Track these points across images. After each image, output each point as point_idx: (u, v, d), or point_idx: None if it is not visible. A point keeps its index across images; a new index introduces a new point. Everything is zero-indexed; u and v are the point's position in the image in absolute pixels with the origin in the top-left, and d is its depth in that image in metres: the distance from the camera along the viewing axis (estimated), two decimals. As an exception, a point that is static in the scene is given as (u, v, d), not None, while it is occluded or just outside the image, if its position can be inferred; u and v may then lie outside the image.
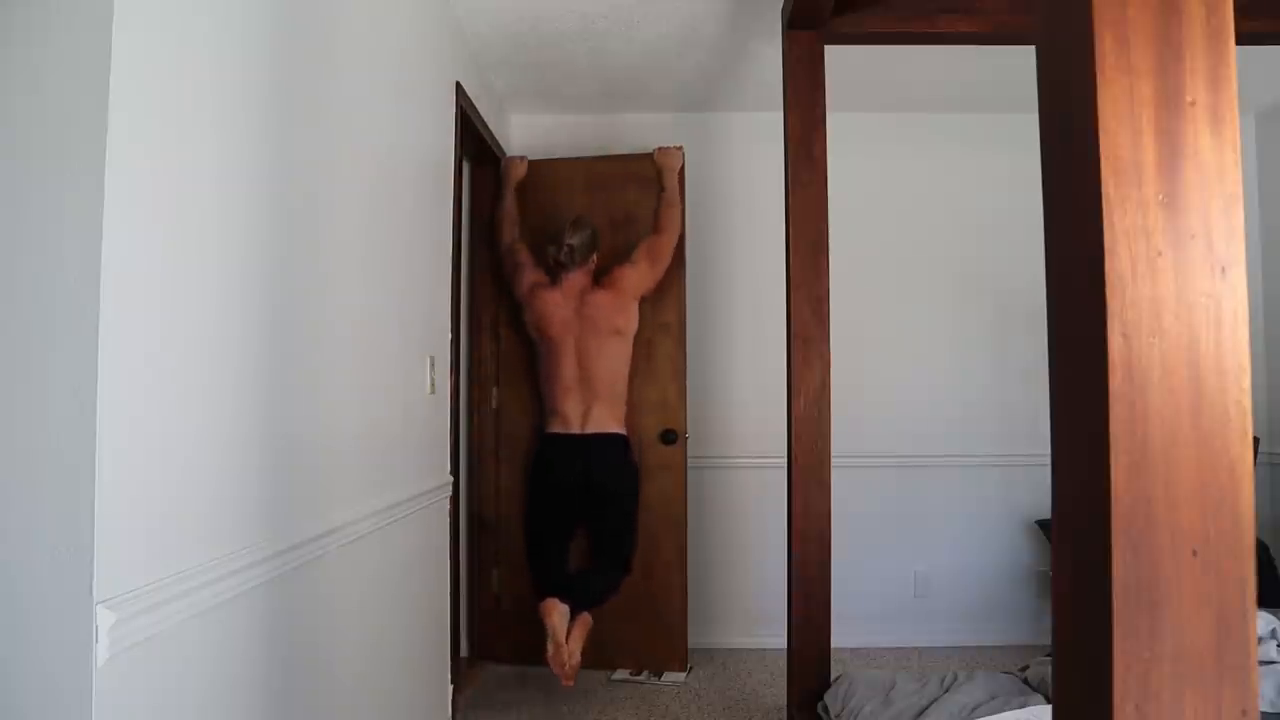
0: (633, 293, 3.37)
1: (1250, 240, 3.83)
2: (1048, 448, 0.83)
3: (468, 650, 3.64)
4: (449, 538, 2.84)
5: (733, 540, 3.85)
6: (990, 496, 3.87)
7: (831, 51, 2.66)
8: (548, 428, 3.38)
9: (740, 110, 3.90)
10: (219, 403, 1.39)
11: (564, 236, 3.32)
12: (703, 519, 3.81)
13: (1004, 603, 3.85)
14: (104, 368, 1.09)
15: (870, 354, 3.84)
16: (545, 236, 3.43)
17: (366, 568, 2.03)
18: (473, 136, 3.25)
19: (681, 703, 3.19)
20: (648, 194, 3.56)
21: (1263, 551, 3.37)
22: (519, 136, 3.93)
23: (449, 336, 2.85)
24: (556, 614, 2.99)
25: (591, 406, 3.32)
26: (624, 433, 3.38)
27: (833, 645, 2.58)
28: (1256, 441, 3.54)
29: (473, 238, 3.70)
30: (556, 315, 3.33)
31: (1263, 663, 2.13)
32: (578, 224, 3.34)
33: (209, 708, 1.35)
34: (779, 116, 2.68)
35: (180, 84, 1.28)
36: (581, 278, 3.37)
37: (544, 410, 3.43)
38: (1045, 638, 3.57)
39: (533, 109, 3.83)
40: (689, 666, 3.52)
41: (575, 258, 3.32)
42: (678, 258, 3.53)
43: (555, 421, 3.36)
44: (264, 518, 1.53)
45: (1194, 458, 0.71)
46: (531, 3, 2.85)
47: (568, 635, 2.99)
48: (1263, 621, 2.21)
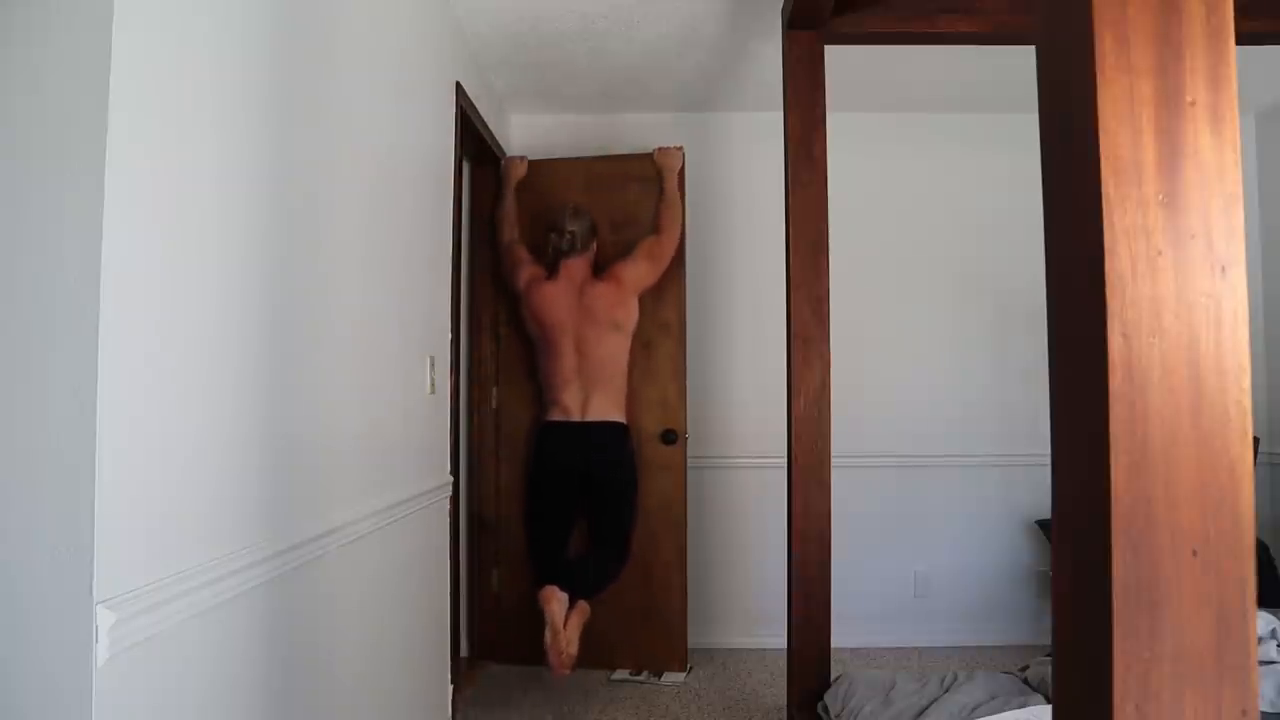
0: (632, 287, 3.38)
1: (1250, 240, 3.83)
2: (1048, 448, 0.83)
3: (468, 650, 3.64)
4: (449, 538, 2.84)
5: (733, 540, 3.85)
6: (990, 496, 3.87)
7: (831, 51, 2.65)
8: (547, 416, 3.39)
9: (740, 110, 3.90)
10: (219, 403, 1.39)
11: (564, 223, 3.35)
12: (703, 519, 3.81)
13: (1004, 603, 3.85)
14: (104, 368, 1.08)
15: (870, 354, 3.84)
16: (545, 224, 3.44)
17: (366, 568, 2.03)
18: (473, 136, 3.25)
19: (681, 703, 3.19)
20: (648, 194, 3.56)
21: (1263, 551, 3.37)
22: (519, 136, 3.93)
23: (449, 336, 2.85)
24: (555, 601, 3.00)
25: (591, 395, 3.32)
26: (624, 421, 3.38)
27: (833, 645, 2.58)
28: (1256, 441, 3.54)
29: (473, 238, 3.70)
30: (555, 306, 3.33)
31: (1263, 663, 2.13)
32: (577, 212, 3.39)
33: (209, 708, 1.35)
34: (779, 116, 2.68)
35: (180, 84, 1.28)
36: (582, 265, 3.38)
37: (543, 401, 3.44)
38: (1045, 638, 3.57)
39: (533, 109, 3.83)
40: (689, 666, 3.52)
41: (576, 243, 3.34)
42: (678, 258, 3.53)
43: (555, 410, 3.37)
44: (264, 518, 1.53)
45: (1194, 458, 0.71)
46: (531, 3, 2.85)
47: (565, 623, 3.00)
48: (1263, 621, 2.21)
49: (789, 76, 2.61)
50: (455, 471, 2.98)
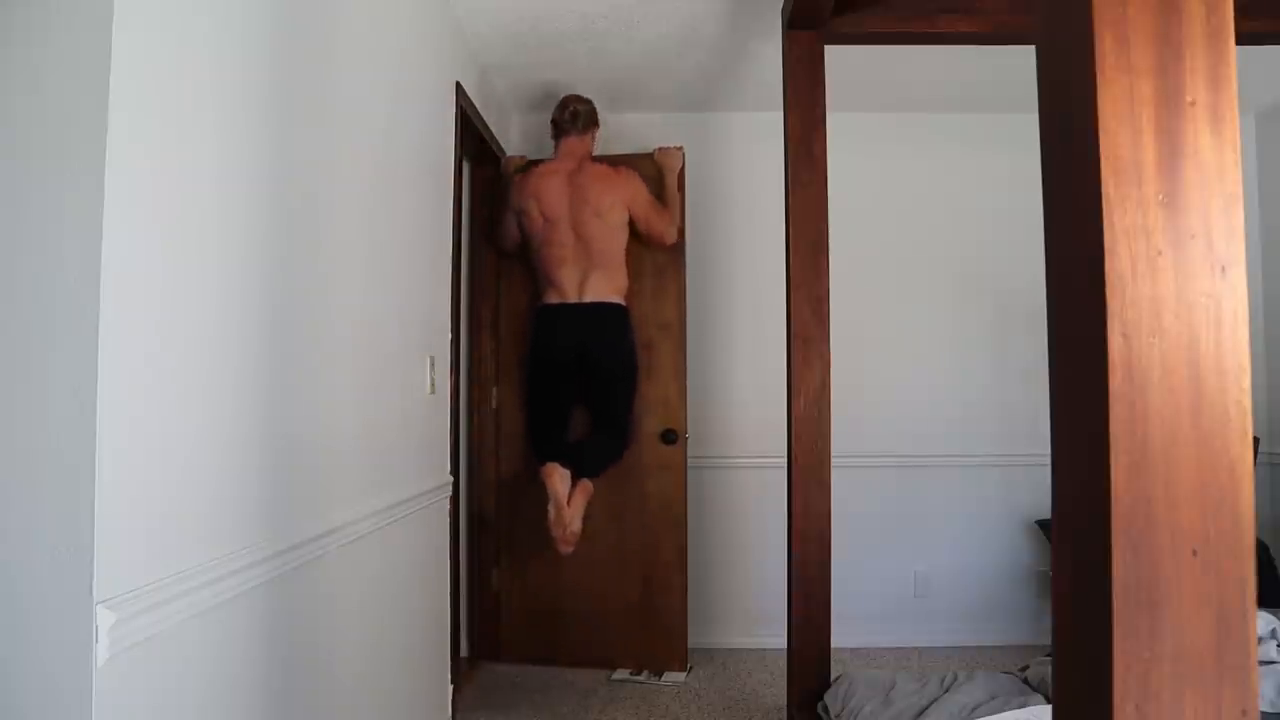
0: (626, 198, 3.31)
1: (1250, 240, 3.83)
2: (1048, 448, 0.83)
3: (468, 650, 3.64)
4: (449, 537, 2.84)
5: (733, 540, 3.85)
6: (990, 496, 3.87)
7: (831, 51, 2.66)
8: (544, 299, 3.34)
9: (740, 110, 3.90)
10: (219, 403, 1.39)
11: (568, 100, 3.37)
12: (703, 519, 3.81)
13: (1004, 603, 3.85)
14: (104, 368, 1.08)
15: (870, 354, 3.84)
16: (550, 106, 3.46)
17: (366, 568, 2.03)
18: (473, 136, 3.25)
19: (681, 703, 3.19)
20: (648, 194, 3.55)
21: (1263, 551, 3.37)
22: (519, 136, 3.92)
23: (449, 336, 2.85)
24: (557, 476, 3.00)
25: (589, 274, 3.27)
26: (623, 303, 3.33)
27: (833, 645, 2.58)
28: (1256, 441, 3.54)
29: (473, 238, 3.70)
30: (551, 185, 3.29)
31: (1263, 663, 2.13)
32: (580, 98, 3.41)
33: (209, 708, 1.35)
34: (779, 116, 2.68)
35: (180, 84, 1.28)
36: (581, 145, 3.38)
37: (539, 284, 3.39)
38: (1045, 638, 3.57)
39: (533, 109, 3.83)
40: (689, 666, 3.52)
41: (579, 123, 3.35)
42: (678, 257, 3.53)
43: (551, 293, 3.31)
44: (264, 518, 1.53)
45: (1194, 458, 0.71)
46: (531, 3, 2.85)
47: (569, 500, 2.99)
48: (1263, 621, 2.21)
49: (789, 76, 2.61)
50: (455, 471, 2.98)
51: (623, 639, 3.49)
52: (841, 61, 2.92)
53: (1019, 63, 1.96)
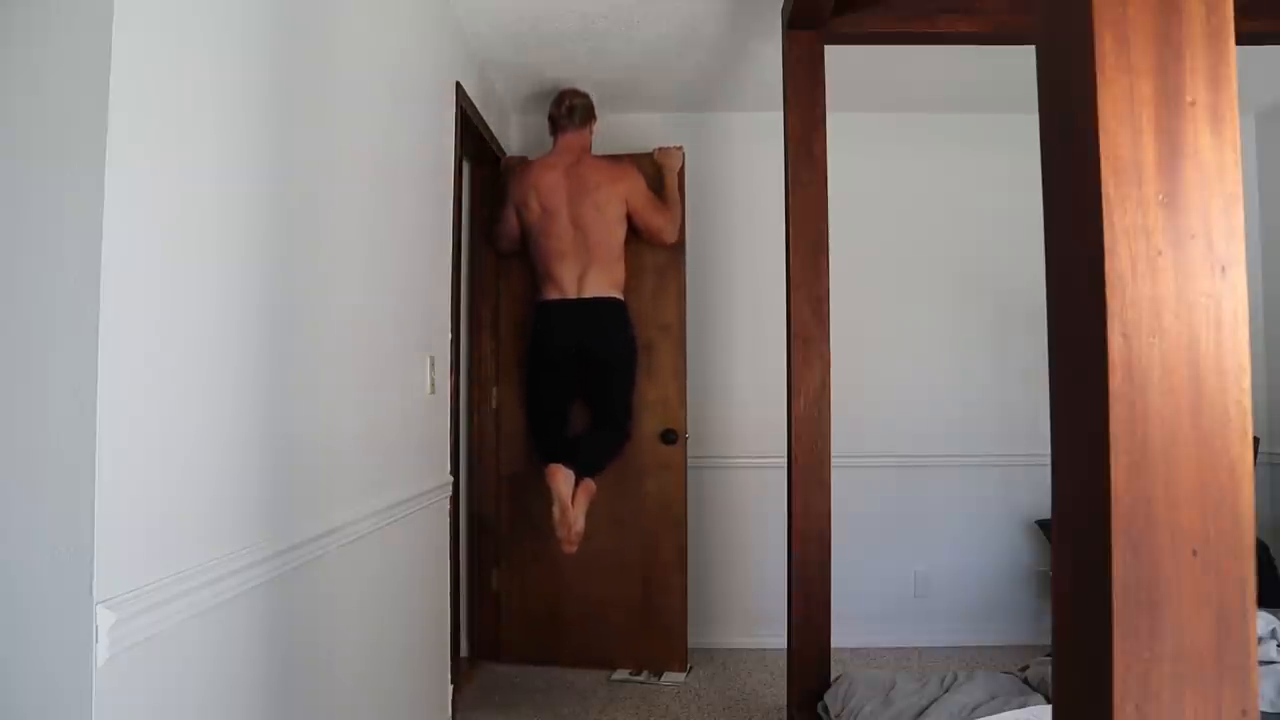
0: (624, 193, 3.30)
1: (1250, 240, 3.83)
2: (1048, 448, 0.83)
3: (468, 650, 3.64)
4: (449, 537, 2.84)
5: (733, 540, 3.85)
6: (990, 496, 3.87)
7: (831, 51, 2.66)
8: (543, 295, 3.34)
9: (740, 110, 3.90)
10: (219, 403, 1.39)
11: (565, 94, 3.36)
12: (703, 519, 3.81)
13: (1004, 603, 3.85)
14: (104, 368, 1.08)
15: (870, 354, 3.84)
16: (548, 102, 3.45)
17: (366, 568, 2.03)
18: (473, 136, 3.25)
19: (681, 703, 3.19)
20: (648, 194, 3.55)
21: (1263, 551, 3.37)
22: (519, 136, 3.93)
23: (449, 336, 2.85)
24: (560, 477, 3.02)
25: (587, 270, 3.27)
26: (621, 298, 3.33)
27: (833, 645, 2.58)
28: (1256, 441, 3.54)
29: (473, 238, 3.70)
30: (549, 180, 3.29)
31: (1263, 663, 2.13)
32: (577, 91, 3.41)
33: (209, 708, 1.35)
34: (779, 116, 2.68)
35: (180, 84, 1.28)
36: (578, 140, 3.37)
37: (537, 279, 3.38)
38: (1045, 638, 3.57)
39: (533, 109, 3.83)
40: (689, 666, 3.52)
41: (576, 117, 3.34)
42: (678, 258, 3.53)
43: (550, 288, 3.31)
44: (264, 518, 1.53)
45: (1194, 458, 0.71)
46: (531, 3, 2.85)
47: (573, 500, 3.03)
48: (1263, 621, 2.21)
49: (789, 76, 2.61)
50: (455, 471, 2.98)
51: (623, 639, 3.49)
52: (841, 61, 2.92)
53: (1019, 63, 1.96)
